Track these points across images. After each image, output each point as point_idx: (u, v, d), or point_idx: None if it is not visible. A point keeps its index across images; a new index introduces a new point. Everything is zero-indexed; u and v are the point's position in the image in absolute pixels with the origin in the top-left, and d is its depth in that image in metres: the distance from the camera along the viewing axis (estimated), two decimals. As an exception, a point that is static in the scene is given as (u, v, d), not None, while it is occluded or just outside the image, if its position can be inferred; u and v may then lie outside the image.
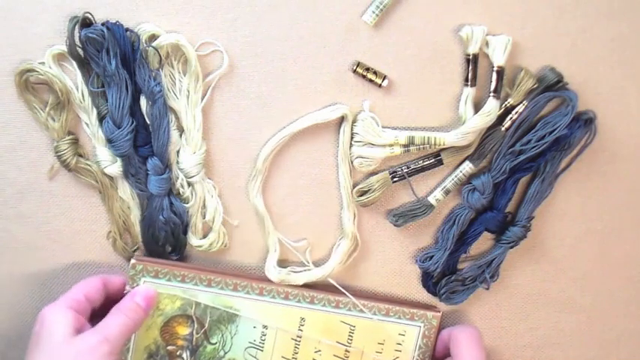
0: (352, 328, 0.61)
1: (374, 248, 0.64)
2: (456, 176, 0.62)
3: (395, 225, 0.63)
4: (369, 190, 0.62)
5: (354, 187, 0.62)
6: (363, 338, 0.62)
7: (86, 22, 0.56)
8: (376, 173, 0.62)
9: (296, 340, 0.61)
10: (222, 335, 0.61)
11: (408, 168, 0.62)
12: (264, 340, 0.61)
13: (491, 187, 0.62)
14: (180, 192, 0.60)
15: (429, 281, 0.64)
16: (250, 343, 0.61)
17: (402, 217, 0.62)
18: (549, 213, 0.65)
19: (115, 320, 0.56)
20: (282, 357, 0.61)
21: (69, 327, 0.53)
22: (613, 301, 0.68)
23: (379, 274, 0.64)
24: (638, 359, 0.70)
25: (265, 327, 0.61)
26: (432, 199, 0.62)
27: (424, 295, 0.65)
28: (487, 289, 0.65)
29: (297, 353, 0.61)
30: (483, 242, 0.65)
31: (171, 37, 0.57)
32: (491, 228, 0.63)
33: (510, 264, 0.65)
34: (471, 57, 0.60)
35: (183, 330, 0.60)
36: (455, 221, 0.63)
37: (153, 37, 0.57)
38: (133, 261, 0.59)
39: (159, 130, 0.58)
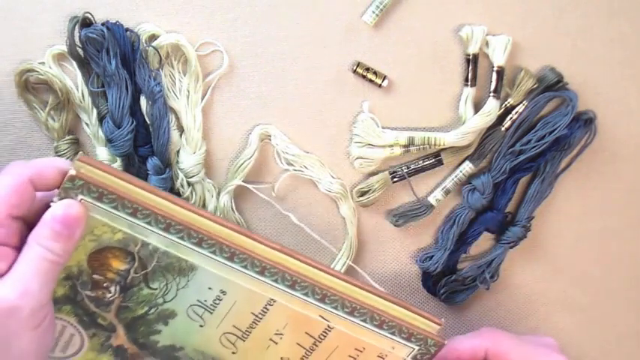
0: (330, 326, 0.51)
1: (374, 248, 0.64)
2: (456, 176, 0.62)
3: (395, 225, 0.63)
4: (369, 190, 0.62)
5: (354, 187, 0.62)
6: (339, 340, 0.52)
7: (86, 22, 0.56)
8: (376, 173, 0.62)
9: (256, 317, 0.51)
10: (167, 284, 0.50)
11: (408, 168, 0.62)
12: (216, 305, 0.51)
13: (491, 187, 0.62)
14: (180, 192, 0.60)
15: (429, 281, 0.64)
16: (199, 301, 0.51)
17: (402, 217, 0.62)
18: (549, 213, 0.65)
19: (31, 258, 0.42)
20: (234, 326, 0.52)
21: None
22: (613, 301, 0.68)
23: (379, 274, 0.64)
24: (638, 359, 0.70)
25: (224, 292, 0.50)
26: (432, 199, 0.62)
27: (424, 295, 0.65)
28: (487, 289, 0.65)
29: (253, 328, 0.52)
30: (483, 242, 0.65)
31: (171, 37, 0.57)
32: (491, 228, 0.63)
33: (510, 264, 0.65)
34: (470, 57, 0.60)
35: (119, 264, 0.49)
36: (455, 221, 0.63)
37: (153, 37, 0.57)
38: (72, 172, 0.45)
39: (159, 130, 0.58)
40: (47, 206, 0.45)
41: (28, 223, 0.45)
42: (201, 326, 0.52)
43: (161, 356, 0.53)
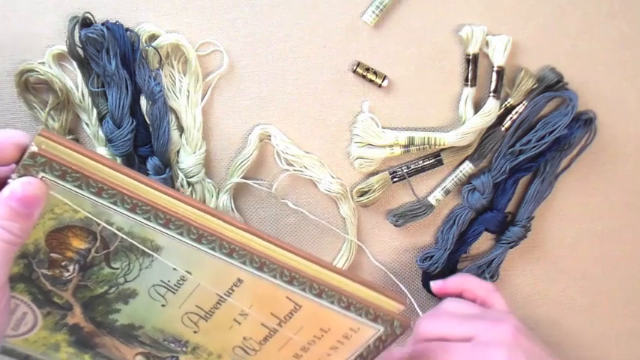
0: (297, 307, 0.50)
1: (374, 248, 0.64)
2: (456, 176, 0.62)
3: (395, 225, 0.63)
4: (369, 190, 0.62)
5: (354, 187, 0.62)
6: (304, 320, 0.51)
7: (86, 22, 0.56)
8: (376, 173, 0.62)
9: (221, 297, 0.50)
10: (130, 264, 0.49)
11: (408, 168, 0.62)
12: (180, 285, 0.49)
13: (491, 187, 0.62)
14: (181, 192, 0.60)
15: (429, 281, 0.64)
16: (162, 281, 0.49)
17: (402, 217, 0.62)
18: (549, 213, 0.65)
19: None
20: (197, 306, 0.51)
21: None
22: (613, 301, 0.68)
23: (379, 273, 0.64)
24: (638, 359, 0.70)
25: (189, 273, 0.49)
26: (432, 199, 0.62)
27: (424, 295, 0.65)
28: (487, 289, 0.65)
29: (216, 309, 0.51)
30: (483, 242, 0.65)
31: (171, 37, 0.57)
32: (491, 228, 0.63)
33: (510, 264, 0.65)
34: (471, 57, 0.60)
35: (79, 244, 0.47)
36: (455, 221, 0.63)
37: (153, 37, 0.57)
38: (33, 148, 0.42)
39: (159, 130, 0.58)
40: (4, 183, 0.42)
41: None
42: (163, 306, 0.50)
43: (119, 334, 0.52)
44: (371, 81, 0.60)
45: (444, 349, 0.53)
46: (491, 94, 0.60)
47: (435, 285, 0.61)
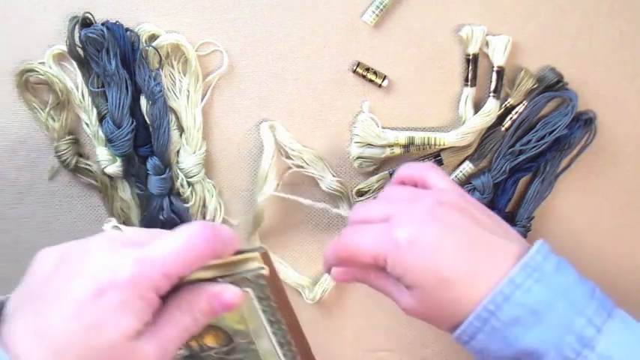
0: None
1: (374, 248, 0.64)
2: (456, 176, 0.62)
3: (395, 225, 0.62)
4: (369, 190, 0.62)
5: (354, 187, 0.62)
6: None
7: (86, 22, 0.56)
8: (376, 173, 0.62)
9: None
10: None
11: (408, 168, 0.62)
12: None
13: (491, 187, 0.62)
14: (180, 192, 0.60)
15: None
16: None
17: (402, 217, 0.62)
18: (549, 213, 0.65)
19: (181, 322, 0.40)
20: None
21: (131, 330, 0.37)
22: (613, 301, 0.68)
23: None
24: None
25: None
26: (432, 199, 0.62)
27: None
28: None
29: None
30: (483, 242, 0.65)
31: (171, 37, 0.57)
32: (491, 228, 0.63)
33: (510, 264, 0.65)
34: (471, 57, 0.60)
35: (211, 342, 0.47)
36: (455, 221, 0.63)
37: (153, 37, 0.57)
38: (264, 271, 0.41)
39: (159, 130, 0.58)
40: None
41: None
42: None
43: None
44: (371, 81, 0.60)
45: (354, 230, 0.48)
46: (491, 94, 0.60)
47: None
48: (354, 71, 0.60)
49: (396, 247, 0.45)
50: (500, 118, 0.61)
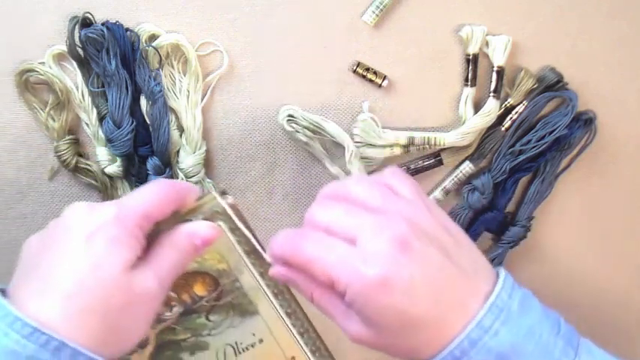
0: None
1: (374, 248, 0.64)
2: (456, 176, 0.62)
3: (395, 225, 0.62)
4: (369, 190, 0.61)
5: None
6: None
7: (86, 22, 0.56)
8: (376, 173, 0.62)
9: None
10: (224, 320, 0.50)
11: (408, 168, 0.62)
12: (247, 349, 0.51)
13: (491, 187, 0.62)
14: (180, 192, 0.60)
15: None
16: (236, 342, 0.51)
17: (402, 217, 0.62)
18: (549, 213, 0.65)
19: (169, 257, 0.44)
20: None
21: (128, 262, 0.41)
22: (613, 302, 0.68)
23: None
24: (638, 359, 0.70)
25: (261, 341, 0.51)
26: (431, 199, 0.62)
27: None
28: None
29: None
30: (483, 242, 0.65)
31: (171, 37, 0.57)
32: (491, 228, 0.63)
33: (510, 264, 0.65)
34: (471, 57, 0.60)
35: (200, 290, 0.50)
36: (455, 221, 0.63)
37: (153, 37, 0.57)
38: (229, 199, 0.47)
39: (159, 130, 0.58)
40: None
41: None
42: None
43: None
44: (371, 81, 0.60)
45: (317, 240, 0.44)
46: (491, 94, 0.60)
47: None
48: (354, 71, 0.60)
49: (363, 282, 0.41)
50: (500, 118, 0.61)
